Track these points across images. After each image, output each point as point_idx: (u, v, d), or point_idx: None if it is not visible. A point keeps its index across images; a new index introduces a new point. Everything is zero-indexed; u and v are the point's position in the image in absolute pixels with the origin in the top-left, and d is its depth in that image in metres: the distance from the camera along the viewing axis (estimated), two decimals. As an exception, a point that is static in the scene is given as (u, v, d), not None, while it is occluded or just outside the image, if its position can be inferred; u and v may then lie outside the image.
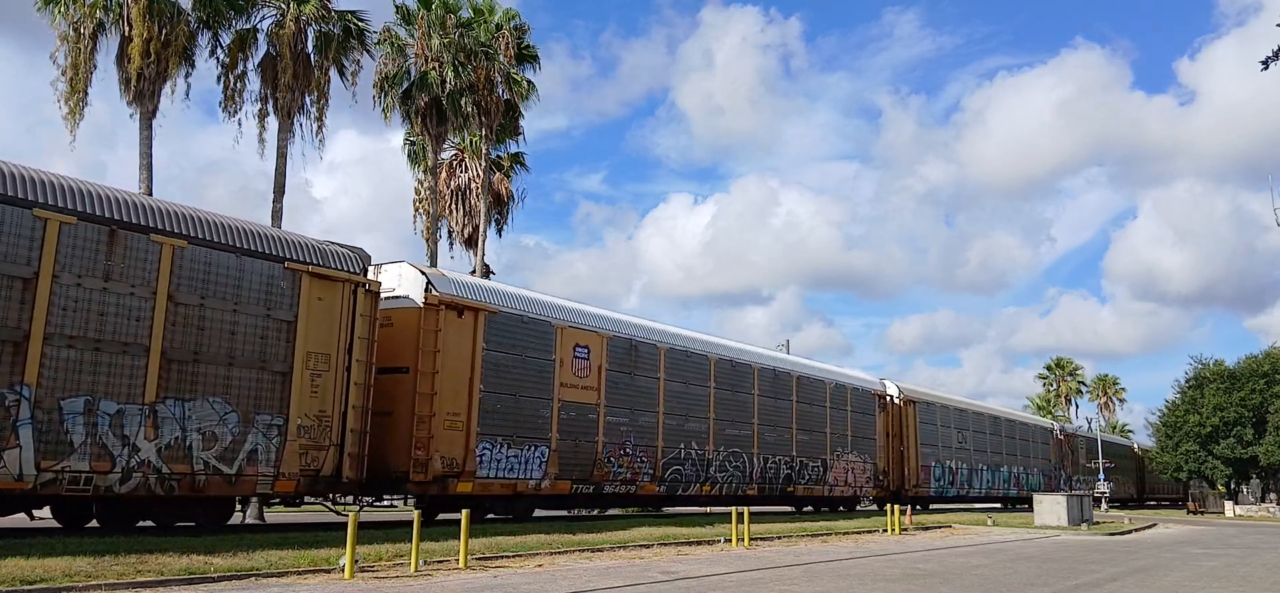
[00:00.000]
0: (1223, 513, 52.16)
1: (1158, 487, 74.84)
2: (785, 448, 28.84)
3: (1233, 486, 57.65)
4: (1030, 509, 32.55)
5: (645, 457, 22.87)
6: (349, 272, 16.17)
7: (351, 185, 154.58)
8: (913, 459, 37.45)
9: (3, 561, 9.94)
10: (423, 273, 18.55)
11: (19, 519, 14.92)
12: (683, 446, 24.30)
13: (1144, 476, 72.42)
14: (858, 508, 34.07)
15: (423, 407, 17.55)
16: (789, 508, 33.73)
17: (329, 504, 17.77)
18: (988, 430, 45.78)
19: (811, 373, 31.16)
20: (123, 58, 23.67)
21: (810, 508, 32.99)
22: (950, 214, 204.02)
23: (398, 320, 17.95)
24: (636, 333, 23.52)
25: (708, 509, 33.41)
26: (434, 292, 18.08)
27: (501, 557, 13.70)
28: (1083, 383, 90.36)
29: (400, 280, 18.38)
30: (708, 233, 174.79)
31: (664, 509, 31.87)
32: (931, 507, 40.05)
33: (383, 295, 17.23)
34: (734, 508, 18.50)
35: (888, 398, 36.60)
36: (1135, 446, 74.70)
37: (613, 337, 22.29)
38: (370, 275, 16.88)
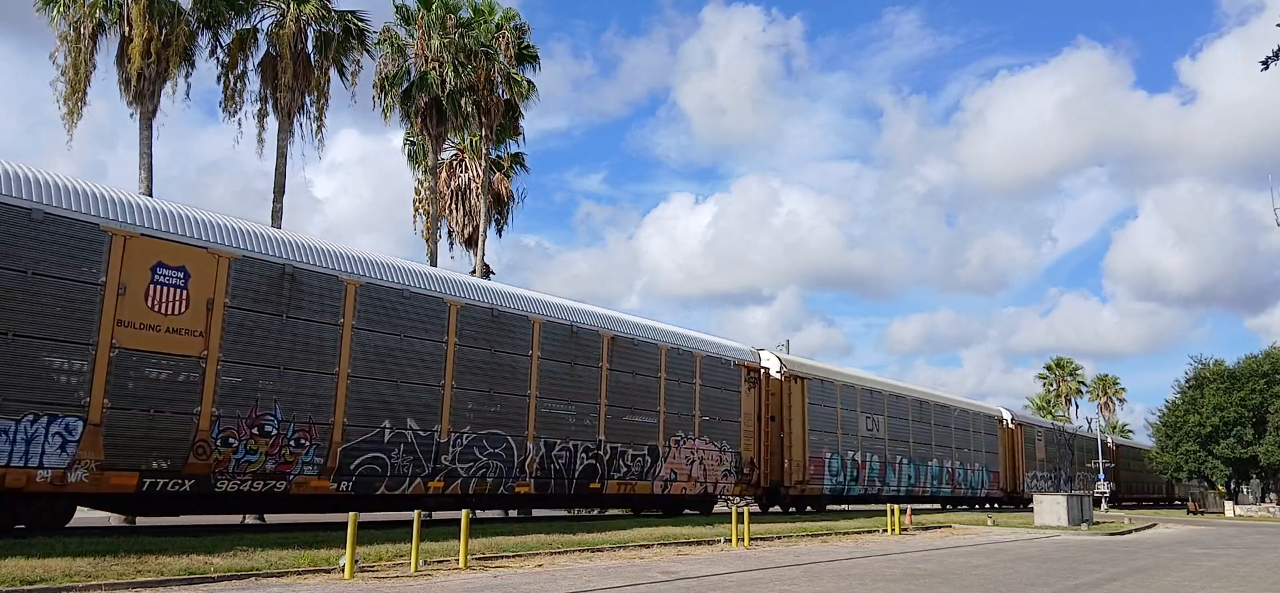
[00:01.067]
0: (1223, 513, 52.16)
1: (1137, 485, 73.18)
2: (588, 431, 21.82)
3: (1233, 486, 57.67)
4: (970, 511, 32.92)
5: (309, 438, 15.99)
6: None
7: (352, 185, 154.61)
8: (798, 449, 30.52)
9: (3, 561, 9.94)
10: None
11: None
12: (388, 425, 17.30)
13: (1119, 473, 67.54)
14: (714, 511, 27.78)
15: None
16: (590, 511, 29.38)
17: None
18: (911, 416, 38.26)
19: (638, 335, 23.72)
20: (123, 58, 23.66)
21: (629, 512, 26.73)
22: (951, 214, 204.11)
23: None
24: (301, 258, 16.34)
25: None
26: None
27: (501, 557, 13.71)
28: (1083, 383, 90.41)
29: None
30: (709, 233, 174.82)
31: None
32: (828, 507, 33.08)
33: None
34: (734, 508, 18.48)
35: (762, 371, 29.40)
36: (1109, 441, 69.24)
37: (243, 258, 15.31)
38: None
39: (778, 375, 30.25)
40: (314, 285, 16.34)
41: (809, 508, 31.72)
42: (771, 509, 31.87)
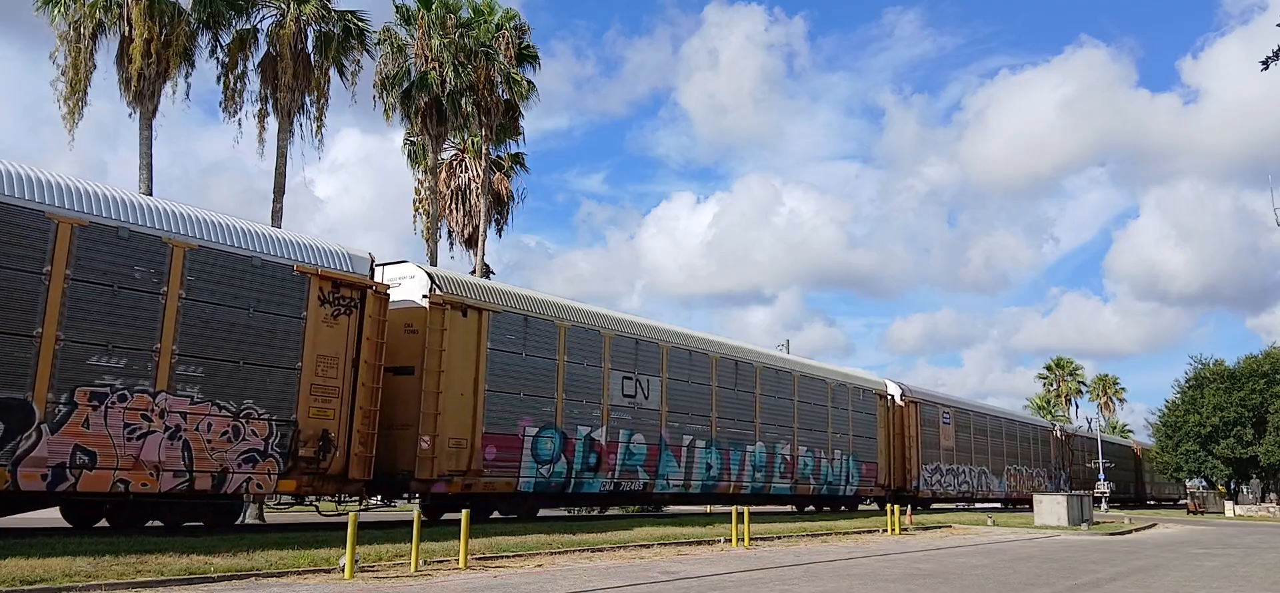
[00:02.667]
0: (1223, 513, 52.14)
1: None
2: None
3: (1233, 486, 57.65)
4: (826, 516, 28.56)
5: None
6: None
7: (354, 185, 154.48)
8: (454, 419, 18.72)
9: (3, 561, 9.94)
10: None
11: (21, 519, 14.95)
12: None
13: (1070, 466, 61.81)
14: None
15: None
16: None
17: None
18: (718, 381, 26.41)
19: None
20: (123, 58, 23.69)
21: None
22: (953, 213, 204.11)
23: None
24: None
25: (708, 508, 33.14)
26: None
27: (501, 557, 13.70)
28: (1083, 383, 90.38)
29: None
30: (710, 232, 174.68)
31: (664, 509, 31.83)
32: (539, 515, 23.12)
33: None
34: (734, 508, 18.48)
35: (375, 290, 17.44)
36: (1059, 430, 61.82)
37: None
38: None
39: (422, 302, 18.41)
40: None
41: (494, 514, 20.71)
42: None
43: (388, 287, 17.83)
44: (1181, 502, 74.78)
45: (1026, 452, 51.28)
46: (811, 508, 32.56)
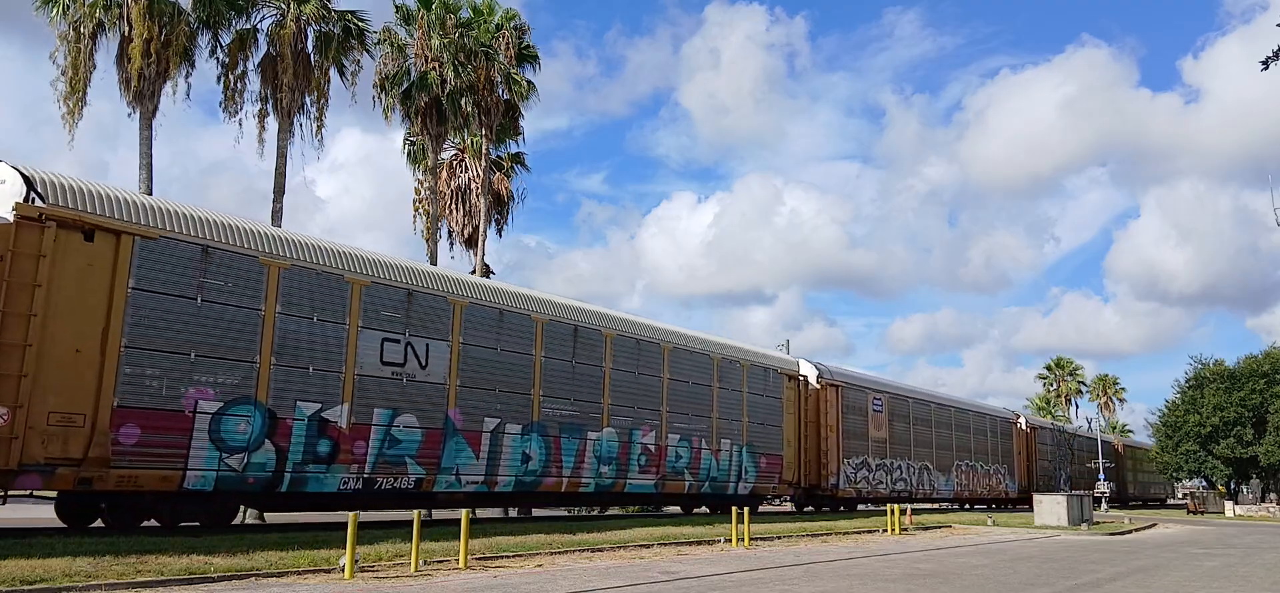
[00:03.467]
0: (1223, 513, 52.13)
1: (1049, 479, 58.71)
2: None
3: (1232, 486, 57.64)
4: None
5: None
6: None
7: (355, 185, 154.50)
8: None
9: (3, 561, 9.94)
10: None
11: (21, 518, 14.94)
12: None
13: (1029, 462, 55.73)
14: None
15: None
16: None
17: None
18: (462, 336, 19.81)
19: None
20: (123, 58, 23.67)
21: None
22: (953, 213, 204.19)
23: None
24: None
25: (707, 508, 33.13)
26: None
27: (501, 557, 13.70)
28: (1083, 383, 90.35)
29: None
30: (711, 232, 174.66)
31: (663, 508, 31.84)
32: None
33: None
34: (734, 508, 18.46)
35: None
36: (1024, 422, 54.72)
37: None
38: None
39: (7, 215, 13.26)
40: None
41: (150, 521, 15.72)
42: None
43: None
44: (1168, 502, 74.60)
45: (983, 446, 45.50)
46: (705, 510, 27.86)
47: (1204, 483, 60.57)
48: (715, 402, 26.32)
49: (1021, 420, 51.45)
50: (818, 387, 32.61)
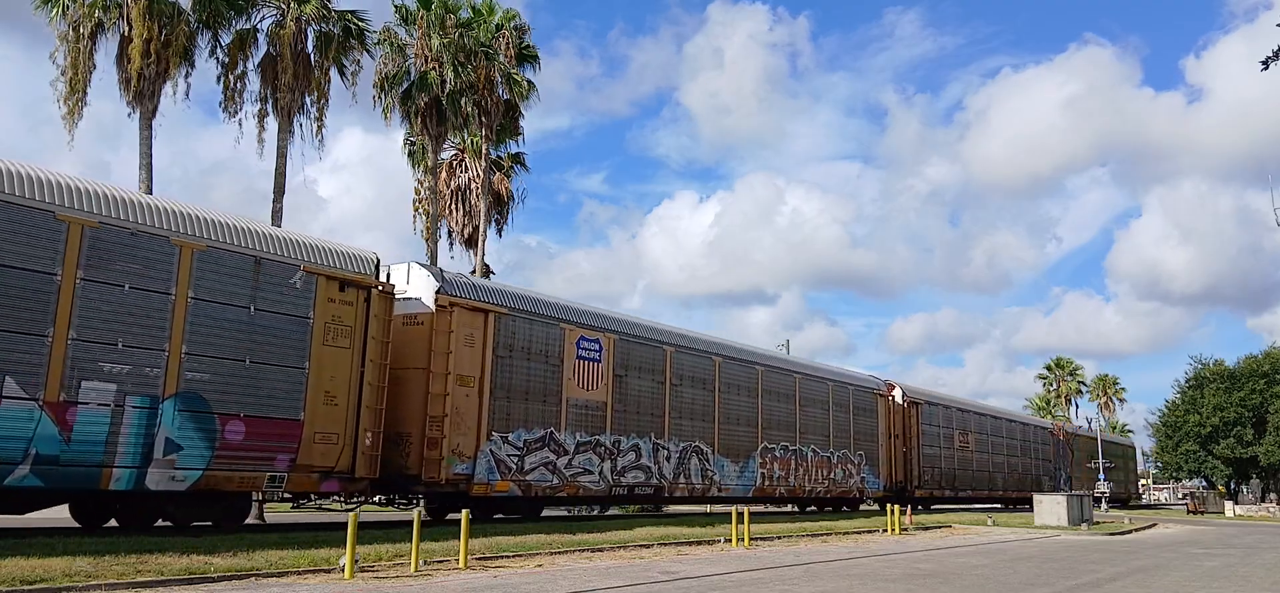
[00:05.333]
0: (1223, 513, 52.15)
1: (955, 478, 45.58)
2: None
3: (1232, 486, 57.67)
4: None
5: None
6: None
7: (356, 185, 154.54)
8: None
9: (3, 560, 9.94)
10: None
11: (23, 519, 14.95)
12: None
13: (909, 459, 46.16)
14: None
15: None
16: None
17: None
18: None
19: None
20: (122, 58, 23.66)
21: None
22: (955, 213, 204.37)
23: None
24: None
25: (707, 508, 33.08)
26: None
27: (501, 557, 13.70)
28: (1083, 383, 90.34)
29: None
30: (712, 232, 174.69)
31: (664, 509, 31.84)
32: None
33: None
34: (734, 508, 18.47)
35: None
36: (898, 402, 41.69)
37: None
38: None
39: None
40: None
41: None
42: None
43: None
44: (1145, 502, 74.23)
45: (819, 424, 31.41)
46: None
47: (1204, 483, 60.60)
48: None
49: (896, 392, 37.60)
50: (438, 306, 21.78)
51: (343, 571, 11.16)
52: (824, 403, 31.64)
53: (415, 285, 18.91)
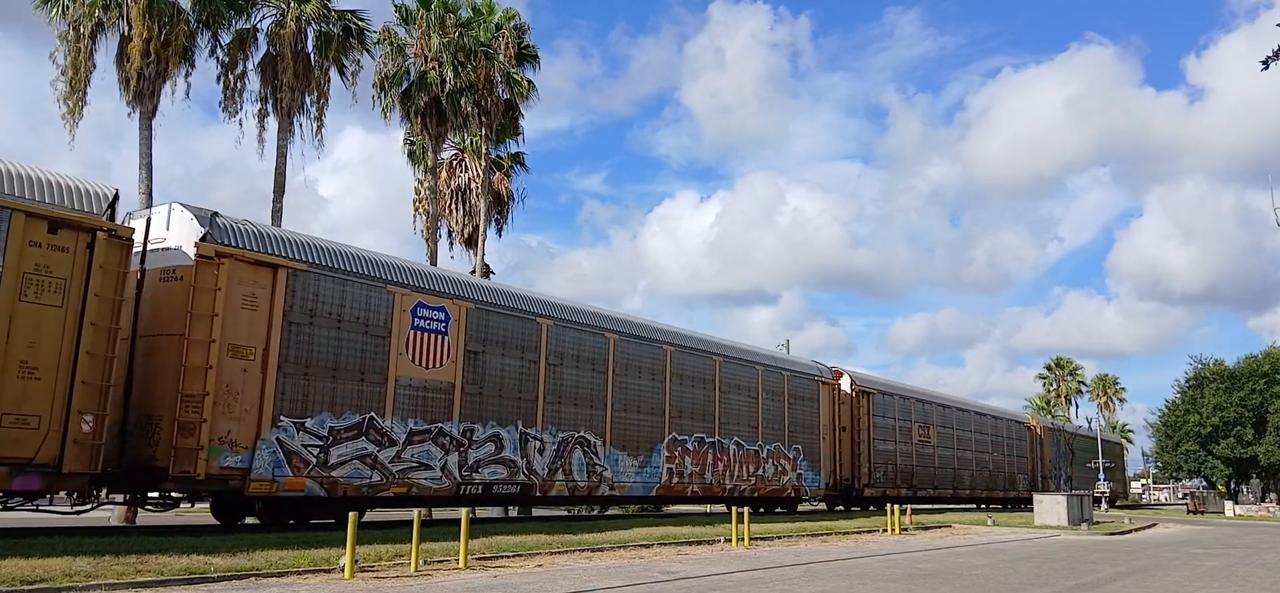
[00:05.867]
0: (1222, 513, 52.15)
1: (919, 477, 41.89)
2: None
3: (1232, 485, 57.66)
4: None
5: None
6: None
7: (357, 184, 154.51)
8: None
9: (3, 561, 9.93)
10: None
11: (25, 518, 14.94)
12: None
13: (853, 453, 40.81)
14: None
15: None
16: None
17: None
18: None
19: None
20: (122, 57, 23.67)
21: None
22: (956, 213, 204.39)
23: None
24: None
25: (707, 508, 33.00)
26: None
27: (501, 557, 13.70)
28: (1083, 383, 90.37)
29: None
30: (713, 232, 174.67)
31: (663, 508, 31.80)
32: None
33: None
34: (734, 508, 18.45)
35: None
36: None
37: None
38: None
39: None
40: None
41: None
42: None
43: None
44: (1143, 502, 73.86)
45: (779, 417, 28.76)
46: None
47: (1204, 483, 60.59)
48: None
49: (844, 380, 33.95)
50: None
51: (343, 571, 11.15)
52: (751, 389, 27.19)
53: (176, 232, 14.84)
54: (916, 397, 39.20)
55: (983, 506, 43.57)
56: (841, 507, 32.71)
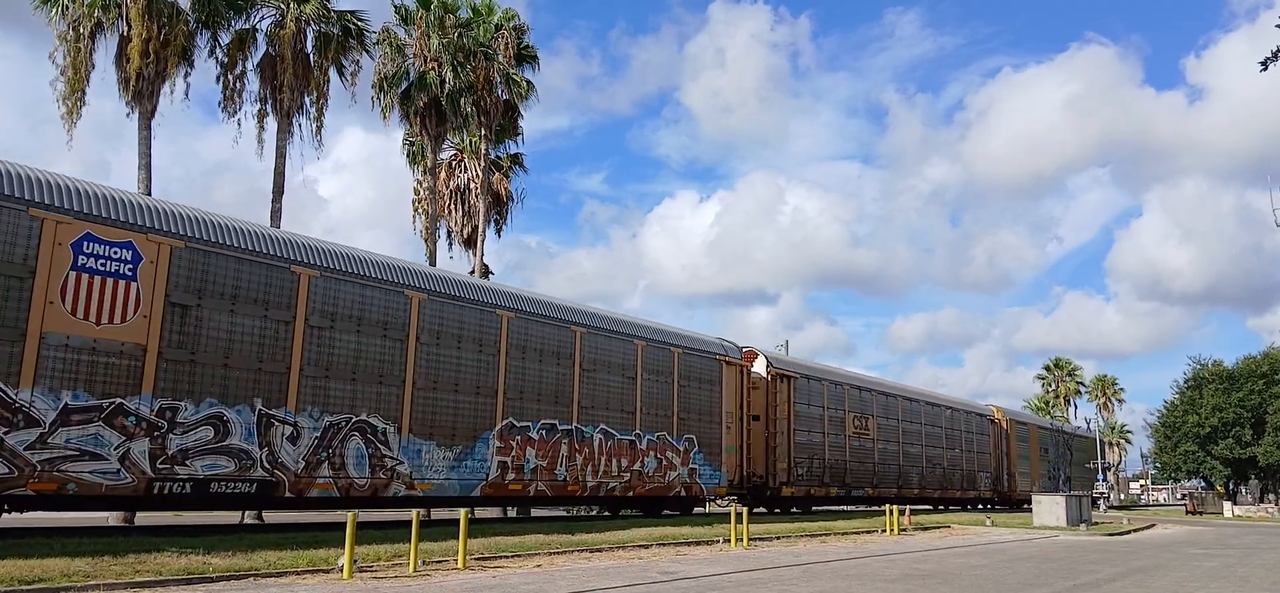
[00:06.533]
0: (1221, 514, 52.16)
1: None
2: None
3: (1231, 486, 57.69)
4: None
5: None
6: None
7: (357, 184, 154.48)
8: None
9: (1, 561, 9.93)
10: None
11: (24, 519, 14.93)
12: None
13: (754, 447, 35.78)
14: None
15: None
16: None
17: None
18: None
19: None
20: (122, 57, 23.64)
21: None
22: (956, 213, 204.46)
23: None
24: None
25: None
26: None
27: (501, 557, 13.70)
28: (1081, 384, 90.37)
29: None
30: (712, 231, 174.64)
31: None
32: None
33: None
34: (733, 508, 18.44)
35: None
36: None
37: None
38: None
39: None
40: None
41: None
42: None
43: None
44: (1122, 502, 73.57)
45: (666, 402, 24.55)
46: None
47: (1203, 484, 60.61)
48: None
49: (758, 362, 30.30)
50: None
51: (341, 571, 11.15)
52: (626, 368, 22.90)
53: None
54: (851, 383, 35.21)
55: (939, 507, 40.74)
56: (760, 509, 29.76)
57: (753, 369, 29.10)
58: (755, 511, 28.09)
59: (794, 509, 30.15)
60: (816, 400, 32.05)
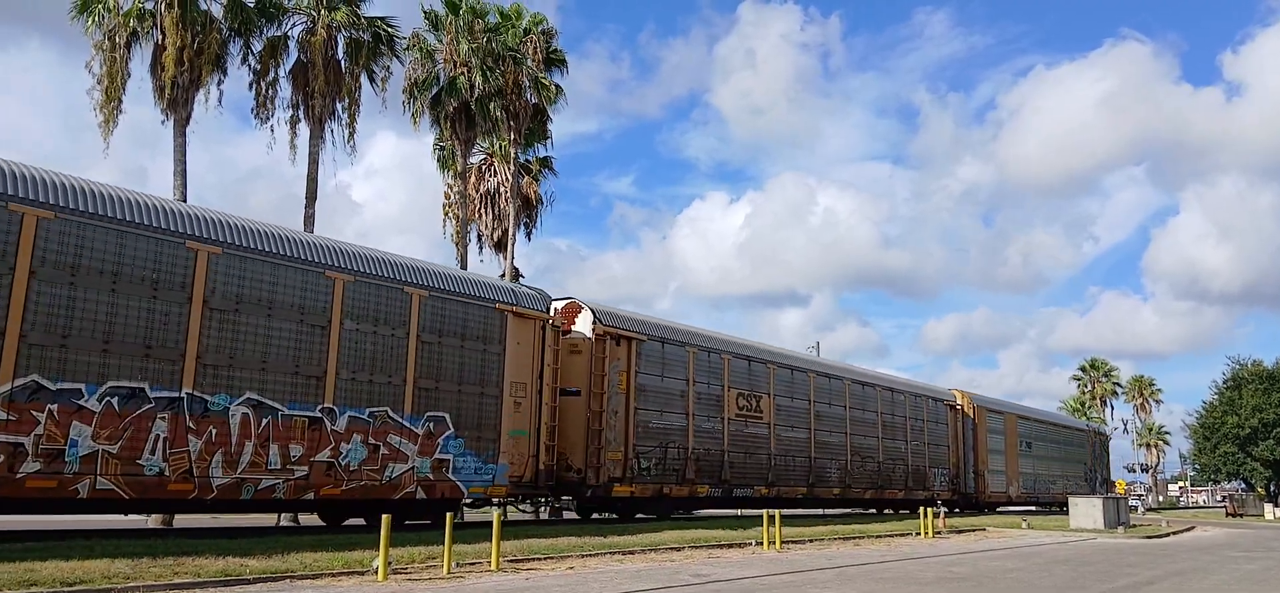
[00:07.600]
0: (1262, 515, 51.26)
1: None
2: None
3: (1272, 488, 56.70)
4: None
5: None
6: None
7: (390, 189, 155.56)
8: None
9: (43, 563, 10.08)
10: None
11: (63, 521, 15.14)
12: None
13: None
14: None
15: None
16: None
17: None
18: None
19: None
20: (156, 66, 23.96)
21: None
22: (989, 213, 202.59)
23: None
24: None
25: (739, 512, 32.05)
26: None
27: (533, 559, 13.72)
28: (1118, 384, 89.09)
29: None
30: (743, 233, 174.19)
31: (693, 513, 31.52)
32: None
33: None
34: (766, 511, 18.34)
35: None
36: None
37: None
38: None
39: None
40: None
41: None
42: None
43: None
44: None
45: (435, 369, 18.19)
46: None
47: (1242, 485, 59.63)
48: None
49: (581, 319, 22.39)
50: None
51: (376, 573, 11.22)
52: (314, 312, 15.62)
53: None
54: (733, 351, 26.87)
55: (872, 510, 34.24)
56: (572, 516, 23.97)
57: (574, 327, 22.05)
58: (566, 517, 23.81)
59: (639, 516, 23.89)
60: (677, 371, 24.30)
